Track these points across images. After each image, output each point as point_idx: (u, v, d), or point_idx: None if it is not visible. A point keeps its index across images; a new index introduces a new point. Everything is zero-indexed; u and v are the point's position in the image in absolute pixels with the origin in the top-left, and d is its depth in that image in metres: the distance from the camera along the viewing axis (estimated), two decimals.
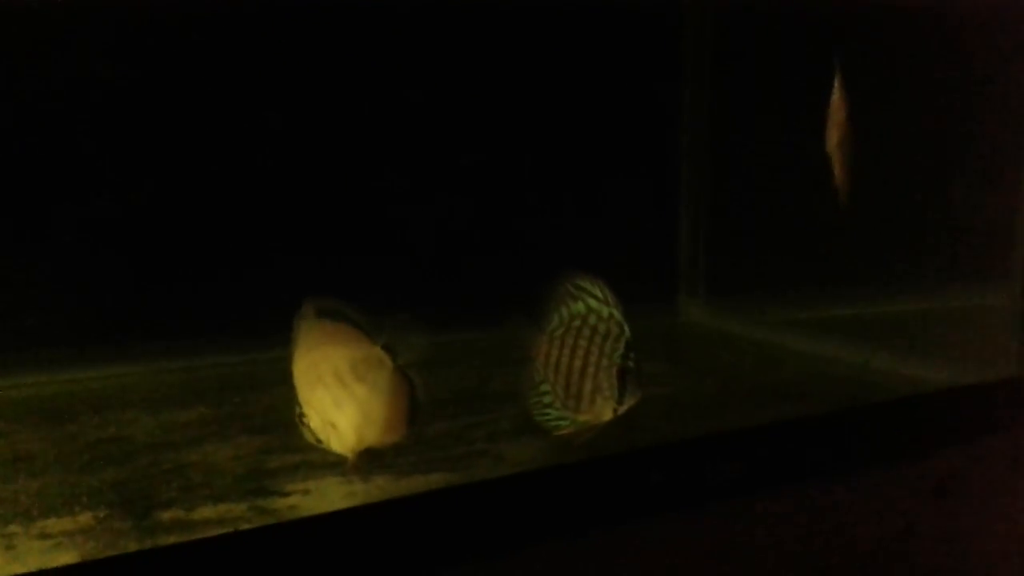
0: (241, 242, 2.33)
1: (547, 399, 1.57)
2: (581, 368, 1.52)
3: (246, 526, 1.39)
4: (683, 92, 2.89)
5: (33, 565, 1.26)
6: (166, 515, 1.44)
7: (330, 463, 1.65)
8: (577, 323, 1.53)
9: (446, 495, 1.46)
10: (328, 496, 1.51)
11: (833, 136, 2.05)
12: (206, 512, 1.45)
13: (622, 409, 1.53)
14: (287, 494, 1.53)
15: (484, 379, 2.22)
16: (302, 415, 1.47)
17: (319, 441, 1.47)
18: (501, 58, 2.56)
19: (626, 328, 1.51)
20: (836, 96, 2.04)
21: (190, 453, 1.72)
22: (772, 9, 2.61)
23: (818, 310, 2.77)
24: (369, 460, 1.54)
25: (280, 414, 1.93)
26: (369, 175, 2.44)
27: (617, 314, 1.51)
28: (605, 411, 1.53)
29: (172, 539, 1.34)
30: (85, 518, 1.44)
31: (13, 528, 1.39)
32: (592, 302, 1.53)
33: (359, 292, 2.36)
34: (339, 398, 1.44)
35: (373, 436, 1.44)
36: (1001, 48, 2.37)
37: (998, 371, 2.14)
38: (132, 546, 1.32)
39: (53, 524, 1.40)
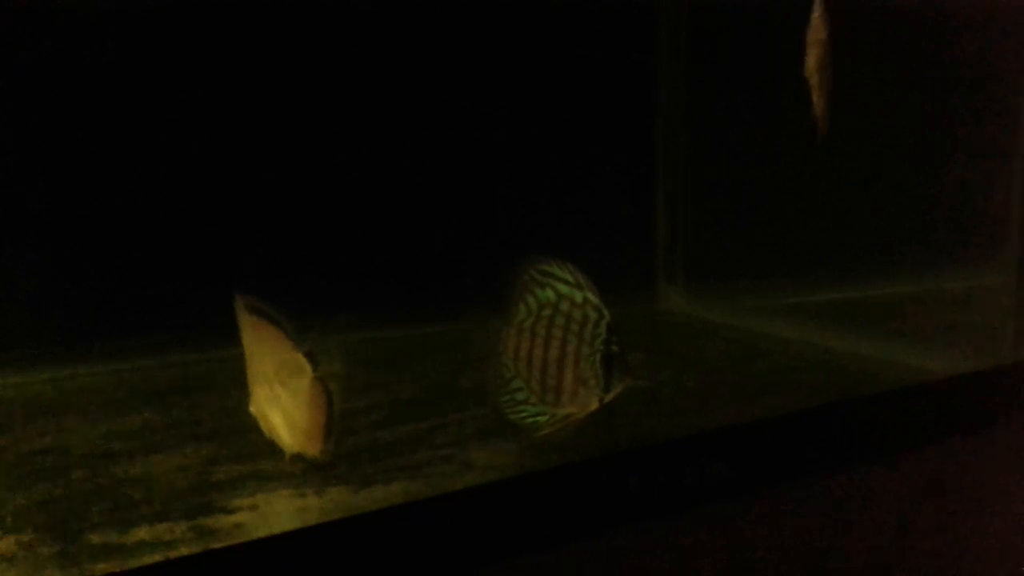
0: (191, 236, 2.19)
1: (520, 395, 1.44)
2: (558, 359, 1.40)
3: (184, 550, 1.26)
4: (659, 72, 2.77)
5: None
6: (97, 538, 1.31)
7: (282, 473, 1.52)
8: (548, 312, 1.41)
9: (408, 510, 1.33)
10: (277, 513, 1.38)
11: (811, 57, 1.84)
12: (142, 534, 1.32)
13: (609, 397, 1.41)
14: (233, 511, 1.40)
15: (451, 375, 2.09)
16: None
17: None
18: (468, 37, 2.43)
19: (605, 311, 1.39)
20: (816, 13, 1.84)
21: (131, 465, 1.58)
22: None
23: (802, 295, 2.67)
24: (304, 466, 1.45)
25: (231, 419, 1.81)
26: (325, 164, 2.31)
27: (593, 297, 1.39)
28: (590, 401, 1.41)
29: (99, 567, 1.21)
30: (7, 543, 1.30)
31: None
32: (562, 287, 1.40)
33: (316, 286, 2.26)
34: (269, 398, 1.39)
35: (298, 443, 1.38)
36: (1000, 27, 2.27)
37: (994, 358, 2.04)
38: None
39: None
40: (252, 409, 1.44)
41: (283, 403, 1.38)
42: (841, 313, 2.57)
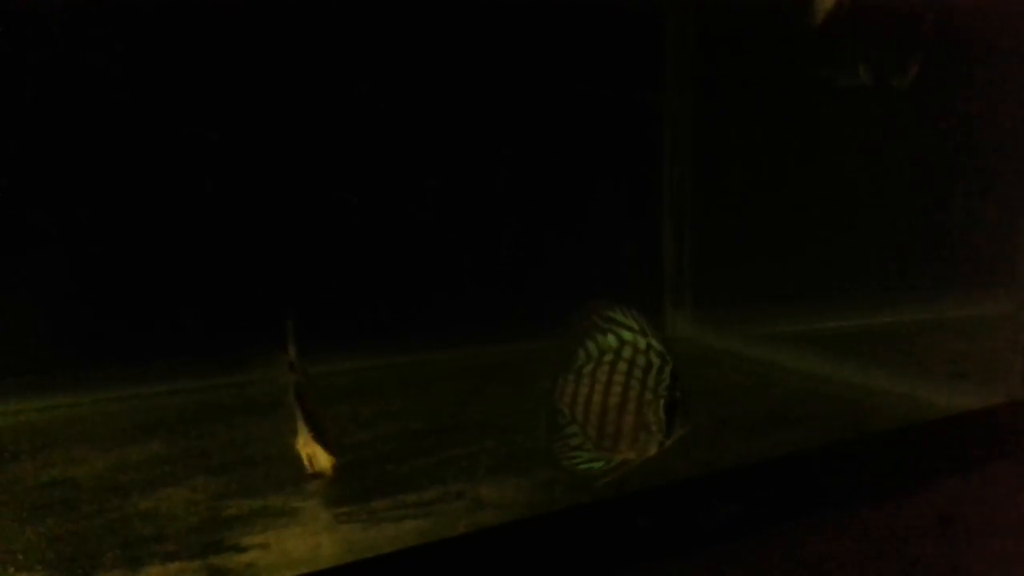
0: (200, 263, 2.18)
1: (574, 441, 1.43)
2: (618, 405, 1.39)
3: None
4: (665, 101, 2.77)
5: None
6: None
7: (291, 509, 1.52)
8: (609, 357, 1.40)
9: (418, 552, 1.32)
10: (289, 552, 1.37)
11: None
12: (153, 573, 1.32)
13: (669, 443, 1.41)
14: (244, 549, 1.39)
15: (460, 405, 2.09)
16: None
17: None
18: (480, 74, 2.43)
19: (669, 357, 1.39)
20: None
21: (141, 499, 1.57)
22: (756, 14, 2.51)
23: (809, 323, 2.66)
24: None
25: (240, 450, 1.81)
26: (339, 194, 2.30)
27: (657, 344, 1.39)
28: (650, 447, 1.41)
29: None
30: None
31: None
32: (626, 334, 1.40)
33: (325, 315, 2.25)
34: None
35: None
36: (1003, 52, 2.27)
37: (1004, 391, 2.03)
38: None
39: None
40: None
41: None
42: (848, 342, 2.56)
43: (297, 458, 1.65)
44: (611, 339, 1.40)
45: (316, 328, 1.96)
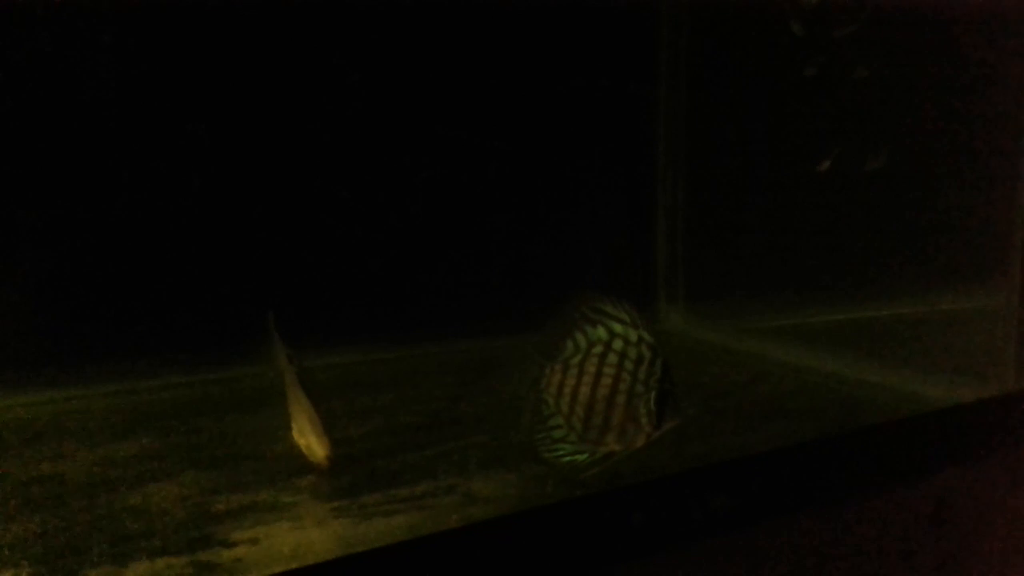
0: (189, 254, 2.17)
1: (557, 434, 1.42)
2: (607, 396, 1.38)
3: None
4: (659, 95, 2.76)
5: None
6: (94, 573, 1.29)
7: (281, 504, 1.51)
8: (599, 349, 1.39)
9: (409, 547, 1.31)
10: (278, 547, 1.36)
11: None
12: (141, 569, 1.30)
13: (657, 435, 1.40)
14: (233, 544, 1.38)
15: (452, 400, 2.08)
16: None
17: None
18: (472, 70, 2.42)
19: (660, 350, 1.38)
20: None
21: (129, 494, 1.56)
22: (751, 7, 2.50)
23: (802, 316, 2.66)
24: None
25: (229, 445, 1.79)
26: (329, 189, 2.29)
27: (648, 336, 1.38)
28: (638, 439, 1.40)
29: None
30: None
31: None
32: (616, 326, 1.39)
33: (316, 309, 2.25)
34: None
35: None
36: (997, 46, 2.26)
37: (997, 384, 2.03)
38: None
39: None
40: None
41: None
42: (841, 335, 2.56)
43: (291, 452, 1.65)
44: (601, 331, 1.39)
45: (308, 323, 1.95)
